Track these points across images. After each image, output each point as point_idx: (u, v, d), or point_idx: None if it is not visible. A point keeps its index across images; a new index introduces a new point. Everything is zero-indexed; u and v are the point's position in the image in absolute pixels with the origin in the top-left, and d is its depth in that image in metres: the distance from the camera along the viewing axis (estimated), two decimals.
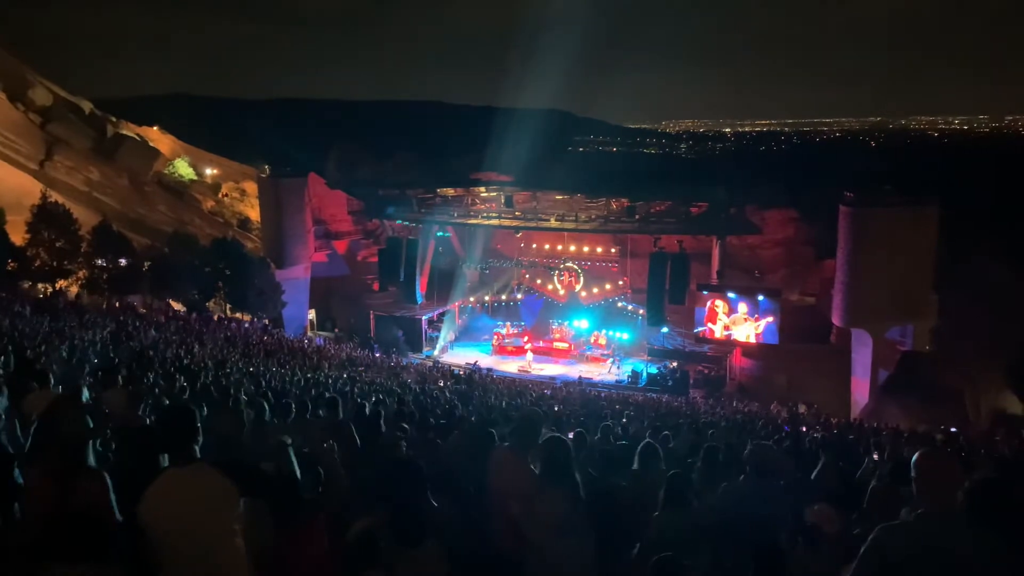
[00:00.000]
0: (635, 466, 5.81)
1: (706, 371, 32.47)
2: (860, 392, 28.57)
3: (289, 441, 4.40)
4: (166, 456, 4.03)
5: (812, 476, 6.56)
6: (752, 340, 31.54)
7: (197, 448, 3.72)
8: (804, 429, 16.63)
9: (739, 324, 31.71)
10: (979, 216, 32.50)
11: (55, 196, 30.63)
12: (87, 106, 44.55)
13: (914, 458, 3.49)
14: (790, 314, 31.54)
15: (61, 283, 29.19)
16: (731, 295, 31.66)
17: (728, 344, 32.13)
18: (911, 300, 26.88)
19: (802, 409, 24.65)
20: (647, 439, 6.16)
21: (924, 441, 13.85)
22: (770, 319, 30.97)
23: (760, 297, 31.16)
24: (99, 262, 30.29)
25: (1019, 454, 13.21)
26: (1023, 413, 21.23)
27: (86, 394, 6.20)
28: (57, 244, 29.09)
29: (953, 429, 17.36)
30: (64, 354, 12.72)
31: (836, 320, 29.03)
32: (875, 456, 8.41)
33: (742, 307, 31.59)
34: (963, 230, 27.43)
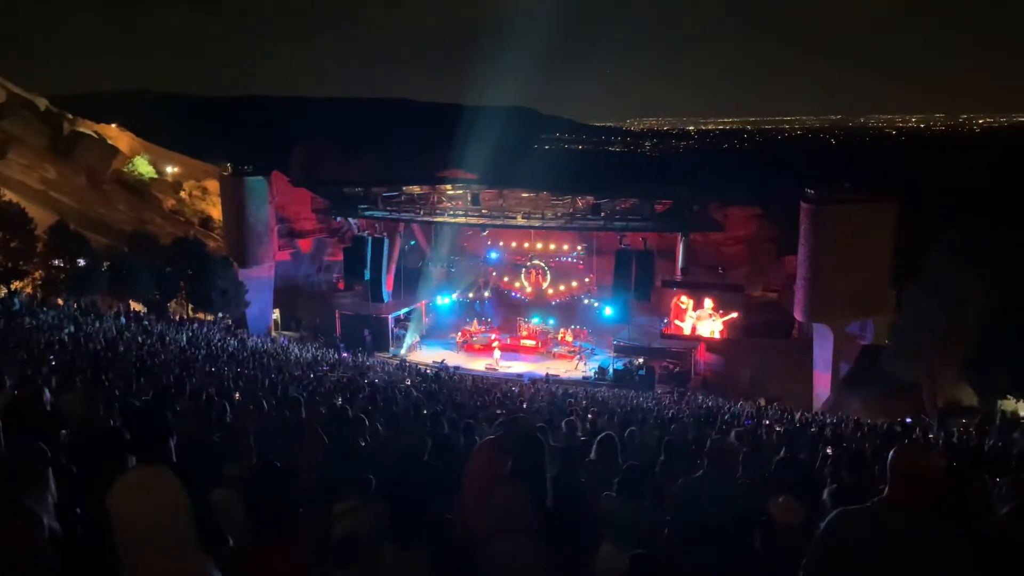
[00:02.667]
0: (592, 456, 5.86)
1: (671, 367, 32.80)
2: (822, 385, 29.09)
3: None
4: (134, 458, 3.98)
5: (772, 468, 6.68)
6: (716, 336, 31.93)
7: (172, 446, 3.69)
8: (767, 422, 16.91)
9: (704, 320, 32.08)
10: (935, 212, 33.24)
11: (9, 195, 29.97)
12: (42, 103, 43.53)
13: (891, 453, 3.44)
14: (753, 310, 32.02)
15: (16, 284, 28.52)
16: (696, 291, 32.05)
17: (693, 340, 32.51)
18: (870, 295, 27.43)
19: (763, 402, 25.03)
20: (607, 432, 6.23)
21: (881, 433, 14.16)
22: (734, 315, 31.37)
23: (724, 293, 31.58)
24: (56, 262, 29.66)
25: (975, 446, 13.56)
26: (978, 405, 21.76)
27: (47, 395, 6.09)
28: (11, 244, 28.44)
29: (908, 420, 17.77)
30: (24, 356, 12.47)
31: (798, 315, 29.50)
32: (829, 451, 8.59)
33: (707, 303, 31.96)
34: (920, 226, 27.99)
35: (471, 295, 40.39)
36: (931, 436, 14.28)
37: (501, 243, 39.35)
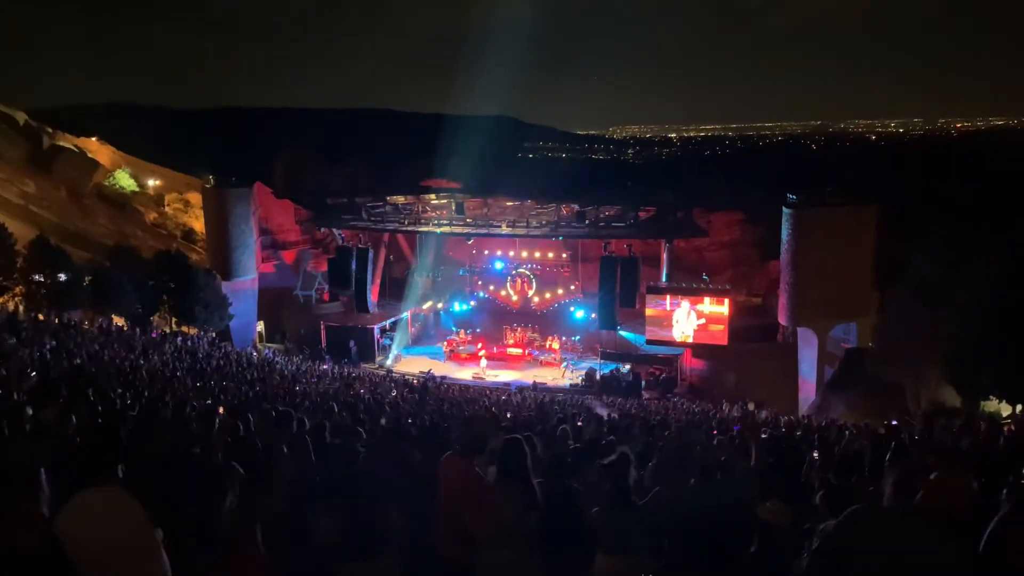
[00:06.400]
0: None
1: (657, 372, 32.87)
2: (807, 389, 29.23)
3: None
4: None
5: (761, 473, 6.68)
6: (702, 341, 31.98)
7: (120, 469, 3.59)
8: (754, 427, 16.92)
9: (689, 325, 32.13)
10: (915, 215, 33.55)
11: None
12: (21, 116, 43.13)
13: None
14: (738, 314, 32.12)
15: None
16: (680, 297, 32.09)
17: (678, 345, 32.57)
18: (853, 298, 27.64)
19: (751, 407, 25.11)
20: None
21: (866, 435, 14.19)
22: (718, 320, 31.46)
23: (708, 298, 31.66)
24: (37, 277, 29.34)
25: (962, 447, 13.61)
26: (961, 405, 21.91)
27: (28, 412, 6.02)
28: None
29: (894, 422, 17.86)
30: (4, 372, 12.28)
31: (782, 319, 29.65)
32: (815, 454, 8.60)
33: (684, 304, 31.97)
34: (900, 229, 28.27)
35: (456, 304, 40.22)
36: (917, 437, 14.33)
37: (487, 252, 39.30)
